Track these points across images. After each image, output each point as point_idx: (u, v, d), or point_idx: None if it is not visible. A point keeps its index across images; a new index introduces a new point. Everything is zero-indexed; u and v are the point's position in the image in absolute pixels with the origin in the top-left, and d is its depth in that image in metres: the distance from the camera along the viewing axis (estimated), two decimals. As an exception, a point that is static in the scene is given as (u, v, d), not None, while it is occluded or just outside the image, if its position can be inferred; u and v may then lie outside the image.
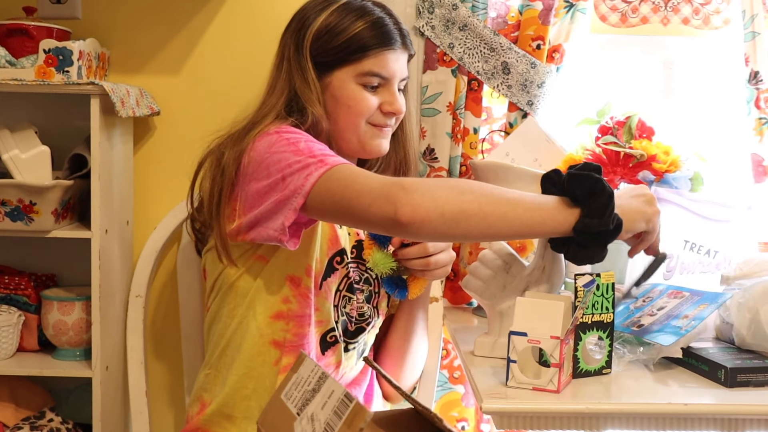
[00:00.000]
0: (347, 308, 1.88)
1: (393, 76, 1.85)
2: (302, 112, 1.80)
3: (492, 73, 2.33)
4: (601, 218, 1.54)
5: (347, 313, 1.88)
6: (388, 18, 1.85)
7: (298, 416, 1.29)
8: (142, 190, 2.35)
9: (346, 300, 1.87)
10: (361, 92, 1.84)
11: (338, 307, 1.87)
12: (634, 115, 2.23)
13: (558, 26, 2.33)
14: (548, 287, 1.82)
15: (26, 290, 2.22)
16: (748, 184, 2.36)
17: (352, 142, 1.86)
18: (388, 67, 1.83)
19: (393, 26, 1.85)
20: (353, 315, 1.89)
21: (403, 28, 1.88)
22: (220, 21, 2.34)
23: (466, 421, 2.49)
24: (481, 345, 1.90)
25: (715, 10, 2.44)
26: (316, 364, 1.33)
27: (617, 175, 2.17)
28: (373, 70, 1.82)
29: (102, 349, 2.08)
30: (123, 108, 2.02)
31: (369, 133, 1.86)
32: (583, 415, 1.62)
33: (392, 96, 1.86)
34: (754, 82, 2.31)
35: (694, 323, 1.78)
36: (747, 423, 1.64)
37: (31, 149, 2.02)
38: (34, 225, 2.02)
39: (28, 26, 2.03)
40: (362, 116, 1.84)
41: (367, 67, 1.82)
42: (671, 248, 2.10)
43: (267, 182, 1.65)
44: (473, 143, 2.36)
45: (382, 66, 1.83)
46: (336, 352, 1.86)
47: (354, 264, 1.90)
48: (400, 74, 1.87)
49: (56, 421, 2.19)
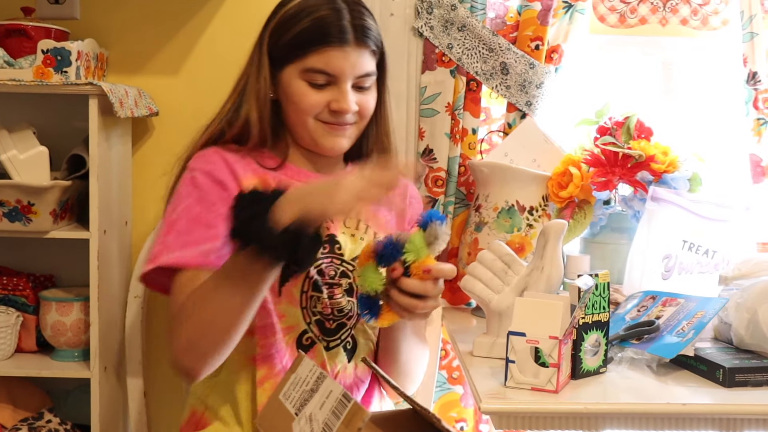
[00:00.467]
0: (318, 307, 1.81)
1: (341, 73, 1.78)
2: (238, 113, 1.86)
3: (491, 73, 2.33)
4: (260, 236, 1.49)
5: (320, 312, 1.82)
6: (343, 13, 1.79)
7: (296, 416, 1.29)
8: (141, 191, 2.35)
9: (315, 300, 1.82)
10: (305, 89, 1.80)
11: (307, 309, 1.82)
12: (632, 116, 2.23)
13: (557, 27, 2.33)
14: (547, 287, 1.82)
15: (24, 291, 2.22)
16: (746, 184, 2.36)
17: (304, 138, 1.85)
18: (332, 64, 1.78)
19: (345, 22, 1.78)
20: (328, 312, 1.83)
21: (359, 24, 1.80)
22: (219, 21, 2.34)
23: (464, 421, 2.49)
24: (479, 345, 1.90)
25: (713, 10, 2.44)
26: (314, 365, 1.33)
27: (616, 175, 2.17)
28: (317, 66, 1.78)
29: (100, 350, 2.08)
30: (121, 108, 2.02)
31: (319, 131, 1.83)
32: (581, 415, 1.62)
33: (340, 94, 1.80)
34: (753, 82, 2.31)
35: (693, 332, 1.78)
36: (745, 423, 1.64)
37: (30, 150, 2.02)
38: (33, 225, 2.02)
39: (26, 26, 2.03)
40: (307, 113, 1.81)
41: (310, 64, 1.78)
42: (670, 248, 2.10)
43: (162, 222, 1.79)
44: (472, 144, 2.36)
45: (326, 63, 1.78)
46: (317, 352, 1.83)
47: (327, 260, 1.85)
48: (352, 71, 1.79)
49: (54, 422, 2.19)
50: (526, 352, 1.65)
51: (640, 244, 2.12)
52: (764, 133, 2.32)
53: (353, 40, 1.78)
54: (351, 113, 1.81)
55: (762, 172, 2.34)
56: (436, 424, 1.27)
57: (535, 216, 2.21)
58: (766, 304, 1.80)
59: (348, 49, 1.78)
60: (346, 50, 1.78)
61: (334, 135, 1.83)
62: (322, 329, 1.82)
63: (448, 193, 2.35)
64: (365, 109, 1.84)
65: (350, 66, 1.79)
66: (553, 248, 1.83)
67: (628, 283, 2.12)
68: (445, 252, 2.37)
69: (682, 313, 1.87)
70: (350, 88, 1.80)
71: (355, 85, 1.82)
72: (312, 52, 1.78)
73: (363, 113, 1.84)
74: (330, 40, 1.77)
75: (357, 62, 1.79)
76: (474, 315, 2.34)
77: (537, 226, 2.20)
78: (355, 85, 1.82)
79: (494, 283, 1.88)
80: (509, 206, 2.20)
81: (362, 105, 1.83)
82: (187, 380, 1.70)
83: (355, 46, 1.78)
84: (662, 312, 1.91)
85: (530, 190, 2.22)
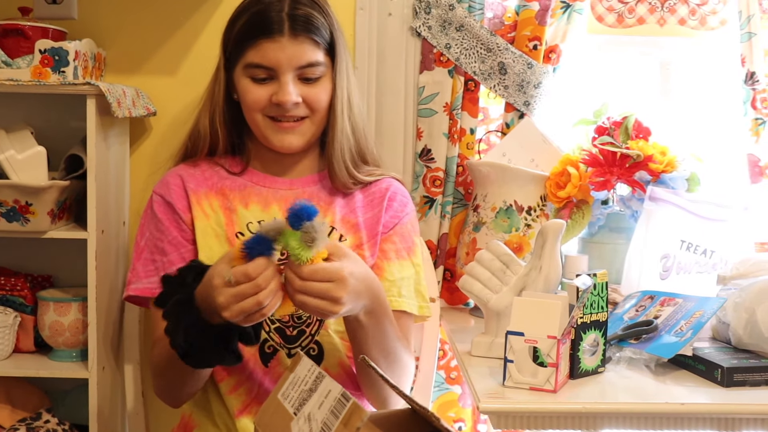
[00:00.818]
0: (275, 316, 1.79)
1: (277, 65, 1.76)
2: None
3: (489, 73, 2.33)
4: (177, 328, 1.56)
5: (278, 320, 1.81)
6: (280, 5, 1.78)
7: (295, 416, 1.29)
8: (139, 191, 2.34)
9: None
10: (249, 85, 1.80)
11: (266, 318, 1.82)
12: (630, 116, 2.23)
13: (555, 27, 2.33)
14: (545, 287, 1.82)
15: (22, 291, 2.22)
16: (744, 184, 2.36)
17: (259, 137, 1.85)
18: (268, 56, 1.76)
19: (280, 14, 1.76)
20: (286, 320, 1.81)
21: (297, 14, 1.77)
22: (217, 21, 2.33)
23: (463, 421, 2.49)
24: (478, 345, 1.90)
25: (711, 10, 2.44)
26: (312, 364, 1.33)
27: (614, 175, 2.17)
28: (254, 61, 1.77)
29: (98, 350, 2.07)
30: (119, 108, 2.02)
31: (269, 128, 1.82)
32: (580, 415, 1.62)
33: (280, 86, 1.78)
34: (751, 82, 2.31)
35: (692, 332, 1.78)
36: (743, 422, 1.64)
37: (27, 150, 2.02)
38: (30, 226, 2.01)
39: (23, 26, 2.03)
40: (253, 110, 1.80)
41: (249, 59, 1.78)
42: (668, 248, 2.10)
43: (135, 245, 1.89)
44: (470, 144, 2.36)
45: (262, 56, 1.76)
46: (280, 360, 1.82)
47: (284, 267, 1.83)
48: (290, 62, 1.77)
49: (53, 423, 2.19)
50: (524, 352, 1.65)
51: (638, 244, 2.12)
52: (762, 133, 2.32)
53: (288, 30, 1.76)
54: (292, 104, 1.78)
55: (760, 172, 2.34)
56: (434, 423, 1.26)
57: (533, 216, 2.21)
58: (764, 303, 1.81)
59: (283, 40, 1.76)
60: (281, 41, 1.76)
61: (283, 132, 1.82)
62: (283, 337, 1.82)
63: (446, 193, 2.35)
64: (314, 101, 1.81)
65: (287, 57, 1.76)
66: (551, 248, 1.83)
67: (626, 282, 2.12)
68: (444, 252, 2.37)
69: (680, 312, 1.87)
70: (292, 80, 1.78)
71: (300, 77, 1.79)
72: (249, 47, 1.78)
73: (312, 106, 1.81)
74: (262, 33, 1.76)
75: (295, 53, 1.77)
76: (472, 315, 2.34)
77: (535, 226, 2.20)
78: (301, 76, 1.79)
79: (492, 283, 1.88)
80: (507, 206, 2.20)
81: (310, 98, 1.80)
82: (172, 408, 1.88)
83: (291, 36, 1.76)
84: (660, 312, 1.91)
85: (528, 190, 2.22)
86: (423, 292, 1.91)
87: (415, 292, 1.89)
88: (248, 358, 1.80)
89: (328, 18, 1.83)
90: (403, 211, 1.93)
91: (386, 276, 1.86)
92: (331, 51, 1.83)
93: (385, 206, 1.90)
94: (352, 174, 1.88)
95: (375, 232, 1.88)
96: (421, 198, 2.35)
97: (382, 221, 1.89)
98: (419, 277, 1.91)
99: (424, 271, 1.96)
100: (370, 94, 2.35)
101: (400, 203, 1.93)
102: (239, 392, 1.82)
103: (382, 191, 1.91)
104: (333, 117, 1.84)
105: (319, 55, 1.79)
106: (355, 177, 1.89)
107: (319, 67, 1.80)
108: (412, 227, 1.95)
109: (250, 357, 1.81)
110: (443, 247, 2.37)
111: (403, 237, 1.91)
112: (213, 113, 1.87)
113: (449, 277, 2.40)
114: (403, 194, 1.96)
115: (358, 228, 1.87)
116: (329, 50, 1.82)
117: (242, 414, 1.81)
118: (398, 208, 1.92)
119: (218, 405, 1.84)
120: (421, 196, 2.35)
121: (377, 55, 2.35)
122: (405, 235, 1.91)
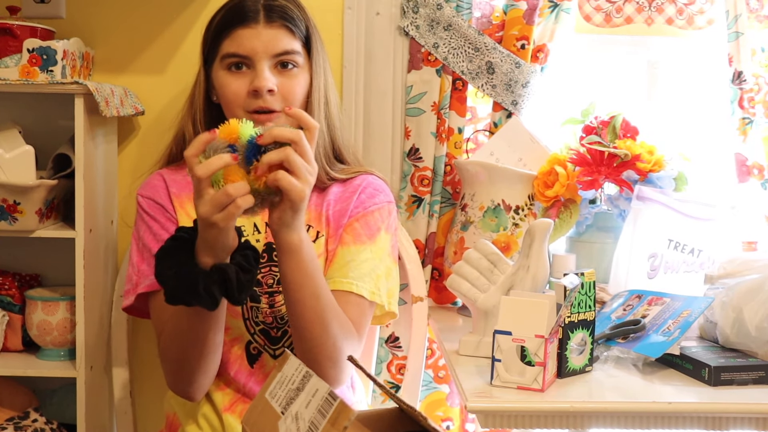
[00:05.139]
0: (260, 317, 1.80)
1: (252, 52, 1.76)
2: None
3: (476, 72, 2.33)
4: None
5: (262, 321, 1.81)
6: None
7: (282, 415, 1.29)
8: (127, 190, 2.34)
9: (255, 310, 1.81)
10: (226, 78, 1.79)
11: (249, 320, 1.81)
12: (618, 115, 2.24)
13: (542, 26, 2.34)
14: (533, 286, 1.83)
15: (10, 290, 2.21)
16: (731, 183, 2.37)
17: None
18: (244, 45, 1.76)
19: (253, 3, 1.78)
20: (270, 321, 1.82)
21: (272, 4, 1.79)
22: (204, 21, 2.31)
23: (451, 420, 2.50)
24: (465, 344, 1.90)
25: (699, 10, 2.44)
26: (300, 363, 1.33)
27: (601, 174, 2.17)
28: (230, 50, 1.77)
29: (86, 349, 2.07)
30: (107, 107, 2.02)
31: None
32: (567, 414, 1.63)
33: (255, 74, 1.77)
34: (738, 82, 2.32)
35: (679, 331, 1.78)
36: (731, 421, 1.65)
37: (15, 149, 2.02)
38: (18, 225, 2.01)
39: (11, 25, 2.02)
40: (233, 104, 1.79)
41: (225, 50, 1.78)
42: (656, 247, 2.11)
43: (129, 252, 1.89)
44: (458, 143, 2.36)
45: (238, 45, 1.76)
46: (265, 361, 1.83)
47: (266, 268, 1.82)
48: (265, 49, 1.76)
49: (40, 422, 2.18)
50: (512, 351, 1.65)
51: (626, 243, 2.13)
52: (749, 133, 2.33)
53: (263, 18, 1.77)
54: (267, 90, 1.76)
55: (747, 172, 2.35)
56: (422, 422, 1.26)
57: (521, 215, 2.21)
58: (751, 303, 1.81)
59: (258, 27, 1.77)
60: (256, 28, 1.77)
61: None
62: (267, 338, 1.82)
63: (434, 192, 2.35)
64: (288, 92, 1.79)
65: (262, 44, 1.76)
66: (539, 247, 1.83)
67: (613, 281, 2.13)
68: (431, 251, 2.37)
69: (667, 312, 1.87)
70: (268, 67, 1.77)
71: (277, 64, 1.79)
72: (225, 38, 1.79)
73: (287, 98, 1.79)
74: (238, 22, 1.77)
75: (270, 40, 1.77)
76: (460, 314, 2.34)
77: (523, 225, 2.20)
78: (277, 64, 1.79)
79: (480, 282, 1.88)
80: (495, 205, 2.20)
81: (285, 88, 1.79)
82: (191, 401, 1.81)
83: (266, 24, 1.77)
84: (648, 311, 1.91)
85: (516, 190, 2.22)
86: (380, 280, 1.84)
87: (368, 277, 1.81)
88: (234, 359, 1.81)
89: (303, 13, 1.84)
90: (371, 202, 1.89)
91: (336, 260, 1.82)
92: (307, 45, 1.83)
93: (355, 198, 1.88)
94: (326, 171, 1.88)
95: (340, 225, 1.86)
96: (409, 197, 2.35)
97: (348, 212, 1.87)
98: (379, 263, 1.84)
99: (393, 263, 1.89)
100: (358, 93, 2.35)
101: (369, 195, 1.90)
102: (226, 392, 1.83)
103: (355, 186, 1.90)
104: (309, 113, 1.79)
105: (295, 44, 1.80)
106: (329, 174, 1.88)
107: (295, 55, 1.80)
108: (380, 218, 1.88)
109: (236, 358, 1.81)
110: (431, 247, 2.37)
111: (366, 224, 1.86)
112: (194, 116, 1.88)
113: (437, 276, 2.40)
114: (376, 188, 1.92)
115: (328, 222, 1.87)
116: (306, 44, 1.83)
117: (228, 411, 1.82)
118: (365, 199, 1.89)
119: (204, 404, 1.84)
120: (409, 196, 2.35)
121: (365, 54, 2.35)
122: (369, 224, 1.86)
